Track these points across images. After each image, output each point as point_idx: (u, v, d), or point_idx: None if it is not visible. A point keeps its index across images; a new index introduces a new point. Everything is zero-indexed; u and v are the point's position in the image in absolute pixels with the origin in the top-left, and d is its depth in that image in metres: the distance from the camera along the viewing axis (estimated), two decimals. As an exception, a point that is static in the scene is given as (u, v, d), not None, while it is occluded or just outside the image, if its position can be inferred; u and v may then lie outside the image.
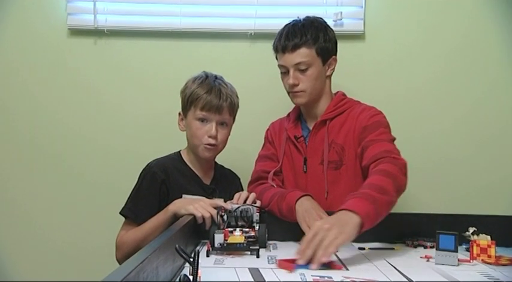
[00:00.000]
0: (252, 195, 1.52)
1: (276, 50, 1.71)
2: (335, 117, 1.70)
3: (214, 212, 1.39)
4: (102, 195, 2.13)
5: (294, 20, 1.73)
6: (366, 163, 1.52)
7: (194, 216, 1.38)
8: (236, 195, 1.52)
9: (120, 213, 1.59)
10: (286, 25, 1.72)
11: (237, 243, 1.25)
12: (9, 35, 2.16)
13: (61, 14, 2.14)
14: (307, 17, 1.74)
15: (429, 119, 2.14)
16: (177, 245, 0.78)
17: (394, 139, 1.60)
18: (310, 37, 1.65)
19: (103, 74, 2.17)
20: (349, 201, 1.30)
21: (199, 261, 0.78)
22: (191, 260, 0.75)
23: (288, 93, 1.72)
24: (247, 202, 1.49)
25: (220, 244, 1.25)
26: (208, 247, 1.25)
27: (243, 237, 1.30)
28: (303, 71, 1.66)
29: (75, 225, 2.15)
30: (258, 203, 1.51)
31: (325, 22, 1.74)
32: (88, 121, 2.16)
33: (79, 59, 2.17)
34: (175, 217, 1.44)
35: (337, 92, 1.78)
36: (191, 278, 0.72)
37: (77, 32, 2.16)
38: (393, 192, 1.35)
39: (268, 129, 1.88)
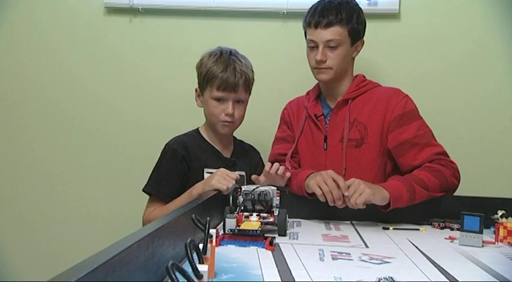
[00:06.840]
0: (282, 168, 1.54)
1: (308, 24, 1.70)
2: (357, 96, 1.71)
3: (233, 179, 1.43)
4: (138, 170, 2.13)
5: None
6: (419, 163, 1.56)
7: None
8: (268, 165, 1.55)
9: (143, 190, 1.64)
10: (320, 1, 1.71)
11: (249, 230, 1.10)
12: (46, 13, 2.21)
13: (98, -8, 2.18)
14: None
15: (461, 98, 2.07)
16: (193, 215, 0.80)
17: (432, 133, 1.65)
18: (345, 16, 1.65)
19: (137, 52, 2.21)
20: (389, 181, 1.47)
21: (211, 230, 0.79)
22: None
23: (312, 69, 1.72)
24: (278, 173, 1.51)
25: (231, 230, 1.12)
26: (217, 233, 1.06)
27: (260, 223, 1.16)
28: (332, 49, 1.65)
29: (103, 197, 2.23)
30: (288, 175, 1.53)
31: (358, 4, 1.73)
32: (124, 98, 2.21)
33: (115, 37, 2.21)
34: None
35: (357, 74, 1.77)
36: (201, 246, 0.74)
37: (113, 10, 2.19)
38: (436, 192, 1.47)
39: (285, 109, 1.89)
